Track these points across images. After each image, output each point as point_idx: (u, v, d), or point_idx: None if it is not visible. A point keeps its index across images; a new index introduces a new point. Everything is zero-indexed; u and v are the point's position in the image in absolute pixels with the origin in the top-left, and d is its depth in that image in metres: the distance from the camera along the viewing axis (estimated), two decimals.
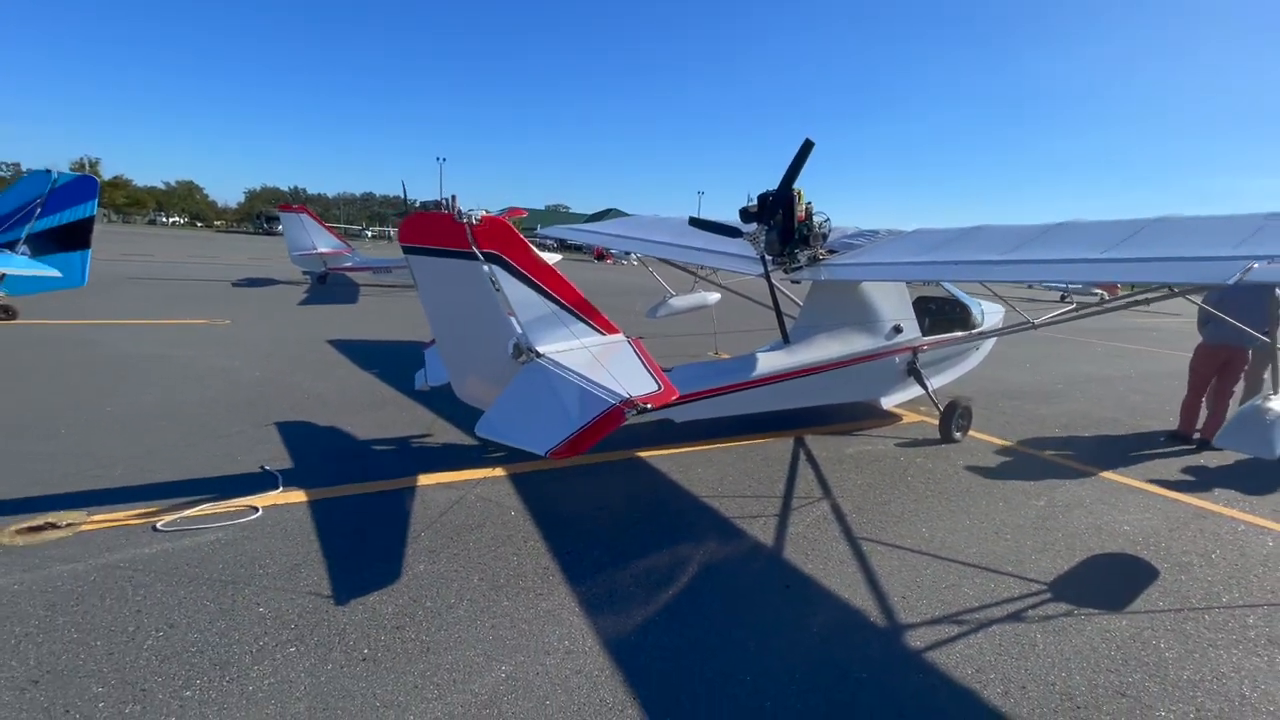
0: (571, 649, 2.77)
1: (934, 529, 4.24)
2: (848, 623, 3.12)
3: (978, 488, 5.08)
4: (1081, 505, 4.82)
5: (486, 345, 4.27)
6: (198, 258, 25.63)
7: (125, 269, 18.12)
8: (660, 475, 4.93)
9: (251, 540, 3.48)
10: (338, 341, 9.46)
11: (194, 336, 9.17)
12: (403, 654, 2.66)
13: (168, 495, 3.97)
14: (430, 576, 3.26)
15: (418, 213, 4.06)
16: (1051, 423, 7.39)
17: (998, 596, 3.43)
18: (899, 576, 3.58)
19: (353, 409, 6.09)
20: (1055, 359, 12.24)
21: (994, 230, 5.48)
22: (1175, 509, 4.87)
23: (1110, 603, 3.43)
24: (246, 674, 2.47)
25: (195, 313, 11.21)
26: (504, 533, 3.79)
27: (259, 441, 5.05)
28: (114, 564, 3.15)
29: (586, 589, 3.24)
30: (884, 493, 4.84)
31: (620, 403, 3.63)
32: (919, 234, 6.19)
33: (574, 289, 4.65)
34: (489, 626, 2.88)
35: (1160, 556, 4.04)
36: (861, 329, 6.17)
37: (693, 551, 3.71)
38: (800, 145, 5.16)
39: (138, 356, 7.65)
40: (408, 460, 4.88)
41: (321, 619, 2.84)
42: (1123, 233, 4.45)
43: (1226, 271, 3.34)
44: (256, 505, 3.86)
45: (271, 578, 3.14)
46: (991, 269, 4.80)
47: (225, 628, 2.74)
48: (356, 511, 3.96)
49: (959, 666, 2.82)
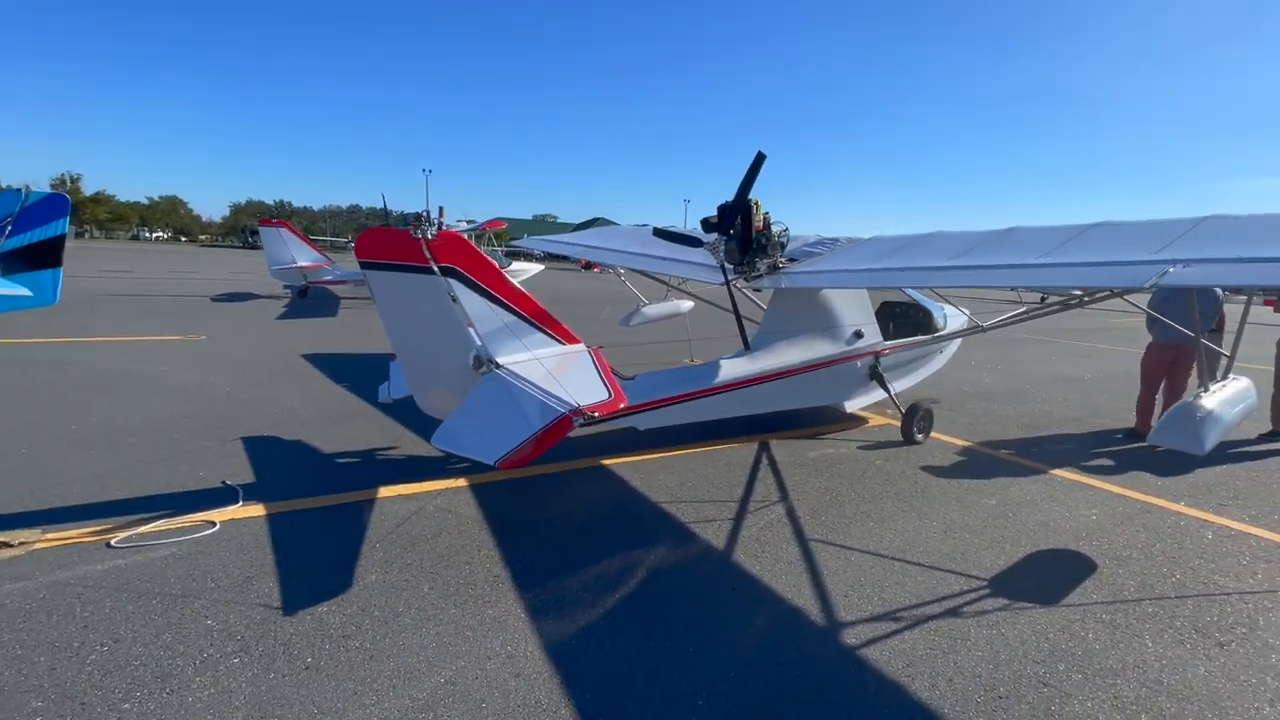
0: (513, 654, 2.83)
1: (884, 529, 4.35)
2: (787, 622, 3.21)
3: (933, 488, 5.20)
4: (1032, 503, 4.95)
5: (447, 358, 4.34)
6: (178, 273, 25.51)
7: (102, 286, 18.01)
8: (622, 483, 5.01)
9: (206, 554, 3.52)
10: (313, 355, 9.49)
11: (167, 353, 9.16)
12: (346, 662, 2.72)
13: (127, 512, 4.00)
14: (381, 586, 3.32)
15: (374, 228, 4.14)
16: (1014, 423, 7.54)
17: (938, 593, 3.53)
18: (843, 576, 3.68)
19: (321, 422, 6.13)
20: (1025, 360, 12.46)
21: (947, 236, 5.63)
22: (1121, 505, 5.01)
23: (1046, 597, 3.54)
24: (187, 685, 2.52)
25: (171, 329, 11.19)
26: (459, 542, 3.85)
27: (224, 456, 5.09)
28: (64, 581, 3.19)
29: (535, 596, 3.31)
30: (840, 494, 4.95)
31: (569, 412, 3.72)
32: (875, 241, 6.34)
33: (533, 301, 4.74)
34: (434, 634, 2.94)
35: (1101, 551, 4.16)
36: (823, 335, 6.30)
37: (644, 557, 3.79)
38: (754, 157, 5.31)
39: (109, 374, 7.65)
40: (371, 472, 4.93)
41: (268, 630, 2.89)
42: (1062, 237, 4.61)
43: (1144, 275, 3.49)
44: (214, 520, 3.90)
45: (222, 591, 3.18)
46: (937, 275, 4.95)
47: (170, 641, 2.78)
48: (315, 524, 4.01)
49: (890, 661, 2.91)
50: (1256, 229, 3.74)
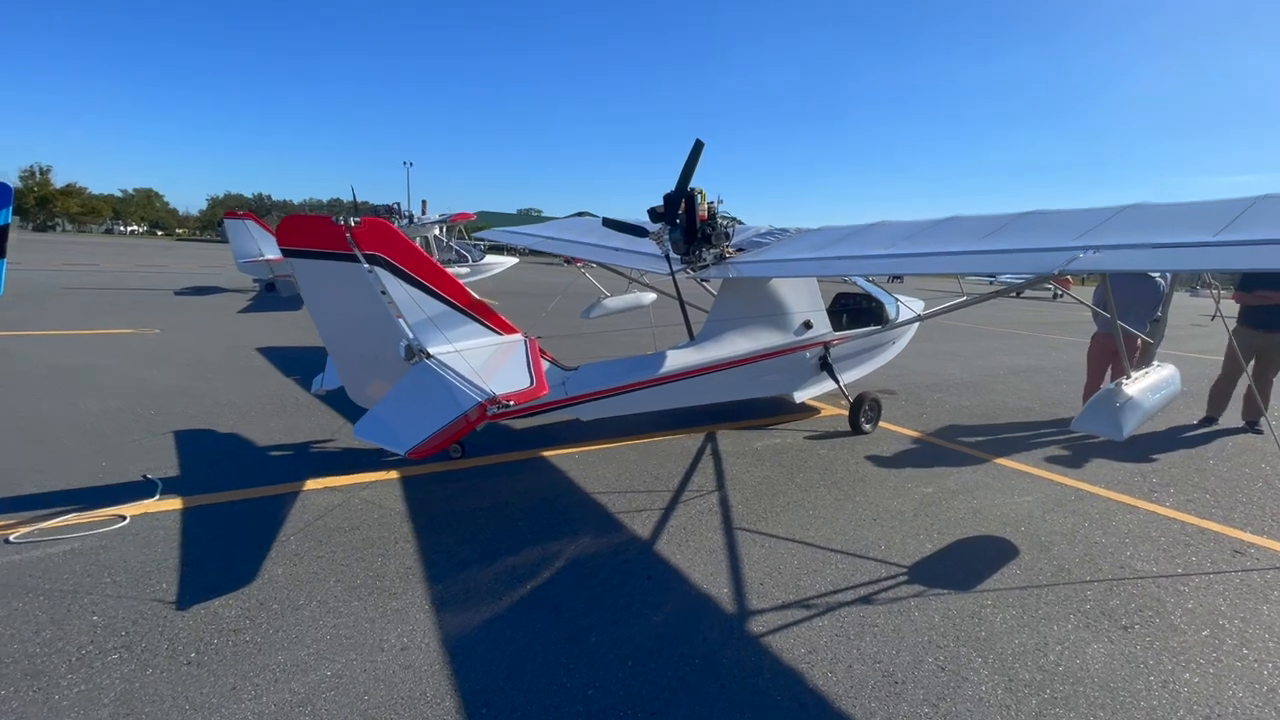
0: (407, 646, 2.78)
1: (814, 517, 4.35)
2: (697, 609, 3.19)
3: (871, 476, 5.21)
4: (967, 491, 4.97)
5: (377, 347, 4.26)
6: (147, 266, 25.01)
7: (64, 279, 17.61)
8: (559, 474, 4.97)
9: (108, 550, 3.43)
10: (267, 349, 9.33)
11: (117, 347, 8.96)
12: (231, 656, 2.65)
13: (39, 507, 3.89)
14: (286, 579, 3.25)
15: (294, 215, 4.04)
16: (967, 413, 7.59)
17: (854, 581, 3.53)
18: (764, 564, 3.66)
19: (262, 415, 6.02)
20: (990, 352, 12.57)
21: (890, 226, 5.63)
22: (1055, 491, 5.05)
23: (961, 583, 3.55)
24: (57, 683, 2.44)
25: (125, 323, 10.95)
26: (377, 534, 3.79)
27: (152, 450, 4.97)
28: None
29: (444, 588, 3.26)
30: (778, 484, 4.94)
31: (484, 400, 3.67)
32: (824, 231, 6.33)
33: (465, 290, 4.67)
34: (330, 627, 2.89)
35: (1025, 537, 4.19)
36: (770, 325, 6.27)
37: (565, 547, 3.75)
38: (692, 146, 5.26)
39: (52, 368, 7.45)
40: (301, 465, 4.84)
41: (156, 625, 2.82)
42: (994, 226, 4.62)
43: (1055, 261, 3.50)
44: (124, 514, 3.80)
45: (117, 586, 3.10)
46: (874, 262, 4.94)
47: (50, 638, 2.70)
48: (231, 517, 3.92)
49: (793, 648, 2.90)
50: (1173, 216, 3.76)
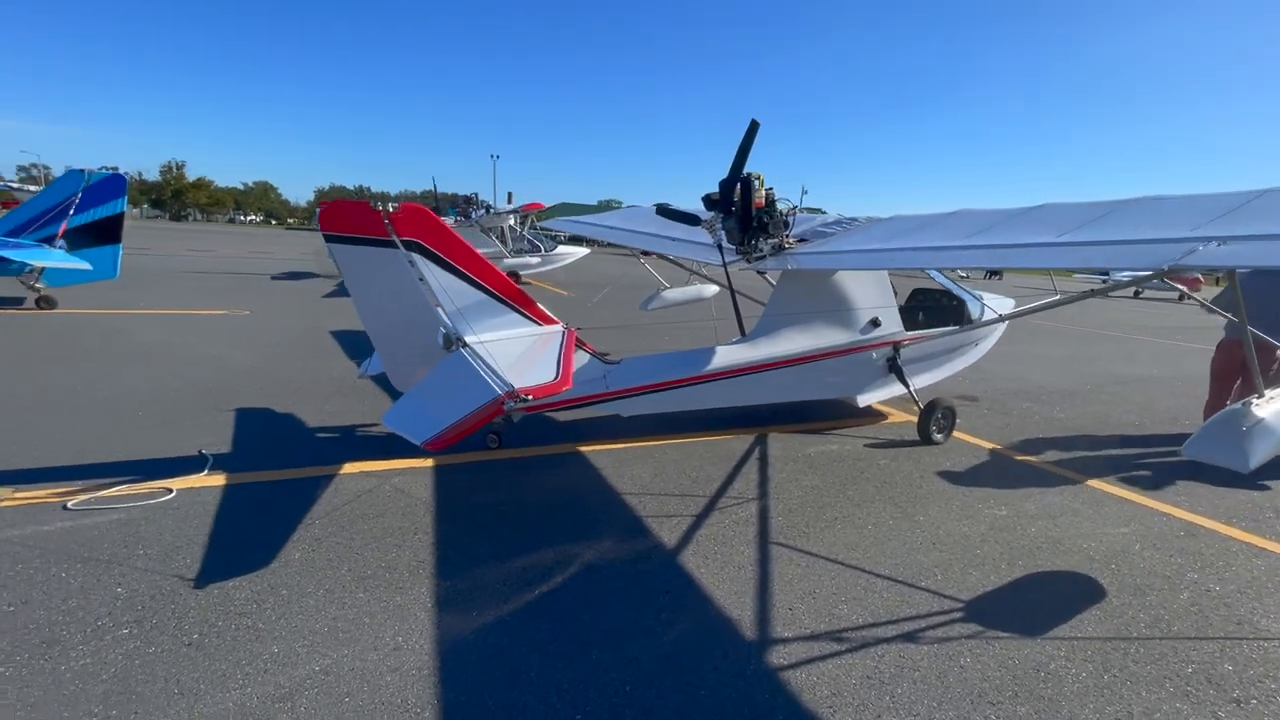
0: (400, 646, 2.68)
1: (863, 536, 3.93)
2: (713, 632, 2.90)
3: (936, 493, 4.69)
4: (1048, 516, 4.37)
5: (417, 334, 4.23)
6: (255, 253, 27.10)
7: (182, 263, 19.34)
8: (592, 471, 4.79)
9: (149, 522, 3.56)
10: (340, 332, 9.74)
11: (208, 327, 9.64)
12: (231, 641, 2.64)
13: (100, 475, 4.13)
14: (301, 564, 3.24)
15: (336, 200, 4.05)
16: (1060, 426, 6.79)
17: (898, 614, 3.12)
18: (798, 586, 3.32)
19: (319, 397, 6.22)
20: (1095, 358, 11.30)
21: (970, 215, 5.05)
22: (1160, 524, 4.34)
23: (1028, 627, 3.06)
24: (67, 654, 2.51)
25: (221, 304, 11.80)
26: (398, 524, 3.75)
27: (213, 426, 5.22)
28: (10, 539, 3.29)
29: (451, 585, 3.15)
30: (827, 495, 4.54)
31: (504, 393, 3.52)
32: (895, 220, 5.79)
33: (505, 279, 4.56)
34: (330, 619, 2.83)
35: (1115, 577, 3.59)
36: (832, 321, 5.81)
37: (583, 550, 3.56)
38: (747, 127, 4.89)
39: (145, 344, 8.09)
40: (344, 448, 4.92)
41: (170, 602, 2.86)
42: (1093, 214, 4.00)
43: (1167, 255, 2.92)
44: (171, 488, 3.96)
45: (147, 559, 3.19)
46: (947, 255, 4.41)
47: (74, 607, 2.79)
48: (266, 496, 4.00)
49: (815, 689, 2.57)
50: None
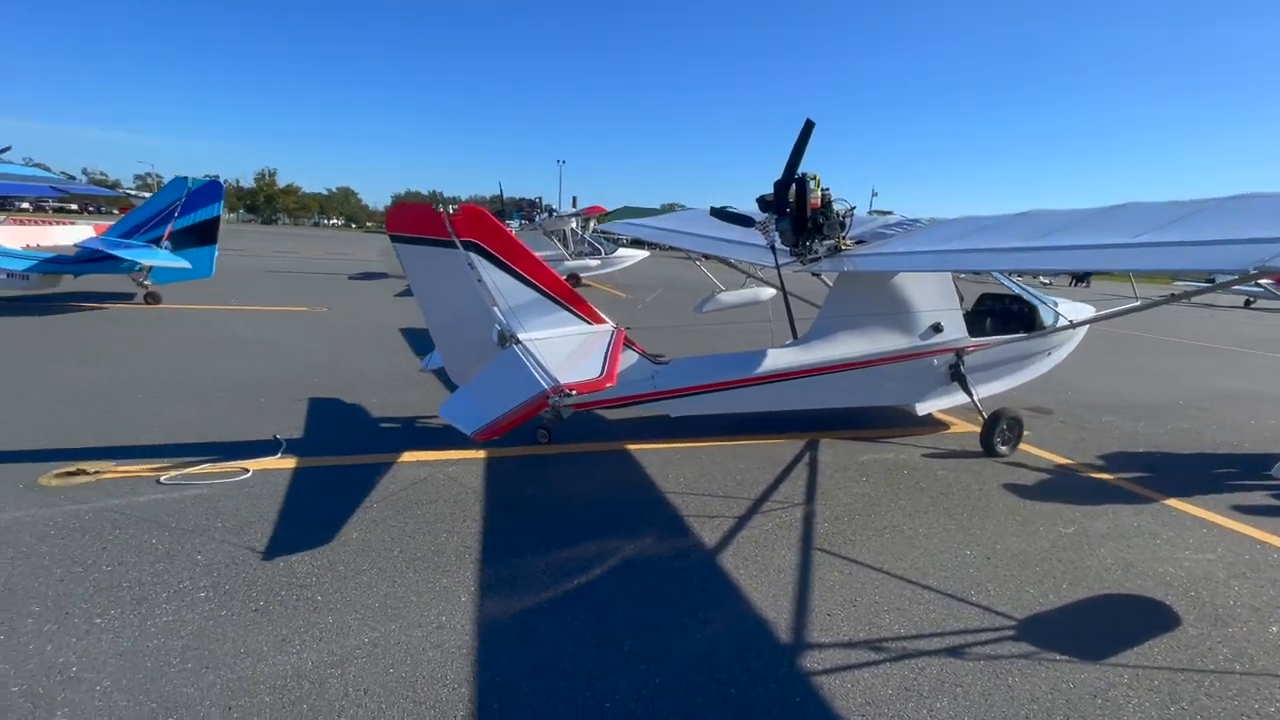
0: (443, 625, 2.81)
1: (912, 547, 3.80)
2: (747, 632, 2.89)
3: (996, 506, 4.47)
4: (1120, 537, 4.09)
5: (473, 330, 4.42)
6: (335, 254, 28.76)
7: (270, 263, 20.77)
8: (638, 469, 4.84)
9: (227, 498, 3.88)
10: (408, 329, 10.22)
11: (290, 322, 10.33)
12: (292, 610, 2.85)
13: (188, 454, 4.52)
14: (358, 544, 3.45)
15: (401, 203, 4.30)
16: (1142, 441, 6.32)
17: (944, 627, 3.00)
18: (838, 593, 3.25)
19: (385, 389, 6.56)
20: (1191, 371, 10.43)
21: (1042, 215, 4.81)
22: (1250, 551, 3.98)
23: (1087, 650, 2.88)
24: (153, 611, 2.77)
25: (303, 301, 12.62)
26: (449, 510, 3.91)
27: (289, 413, 5.60)
28: (110, 508, 3.65)
29: (494, 571, 3.27)
30: (877, 504, 4.41)
31: (550, 388, 3.62)
32: (960, 221, 5.57)
33: (557, 278, 4.69)
34: (381, 595, 3.00)
35: (1194, 605, 3.33)
36: (890, 326, 5.64)
37: (623, 545, 3.61)
38: (802, 127, 4.83)
39: (234, 338, 8.76)
40: (404, 438, 5.18)
41: (241, 571, 3.11)
42: (1178, 213, 3.72)
43: (1257, 256, 2.68)
44: (248, 468, 4.29)
45: (224, 531, 3.48)
46: (1010, 257, 4.21)
47: (161, 570, 3.08)
48: (331, 480, 4.27)
49: (848, 696, 2.51)
50: None
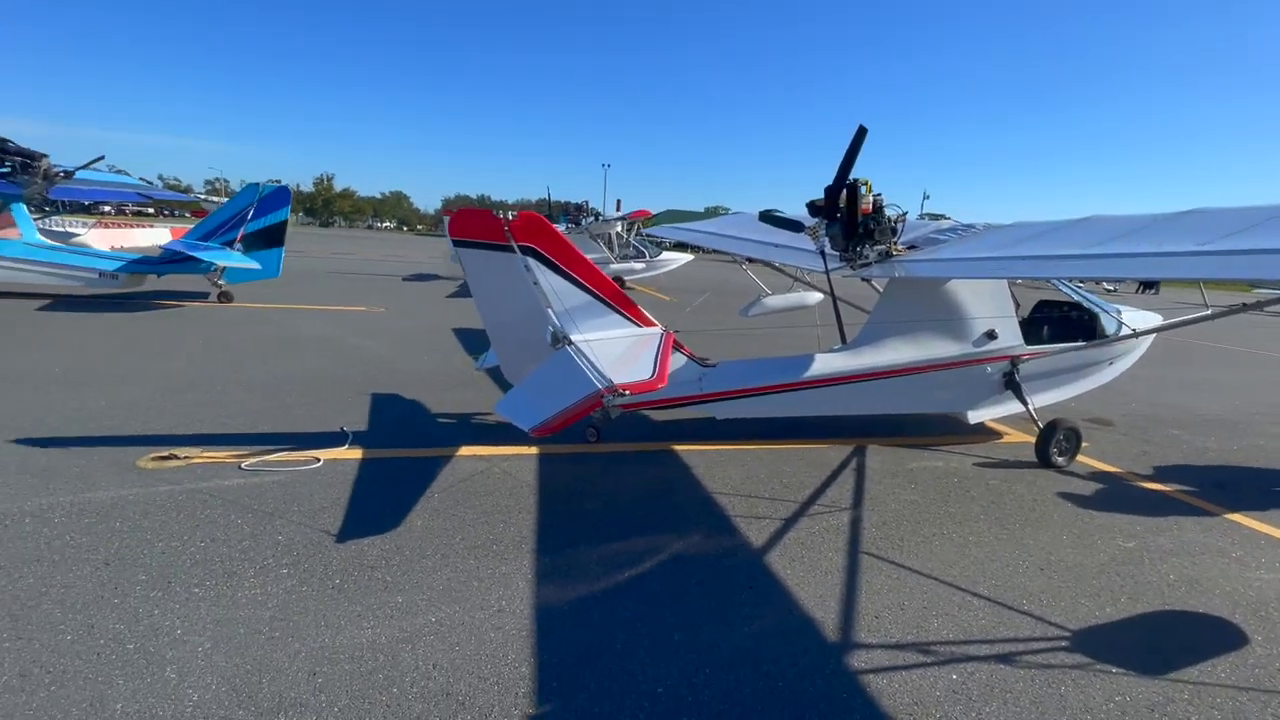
0: (504, 609, 2.97)
1: (962, 555, 3.78)
2: (794, 629, 2.95)
3: (1051, 518, 4.39)
4: (1185, 553, 3.96)
5: (528, 331, 4.61)
6: (390, 256, 29.82)
7: (328, 264, 21.72)
8: (684, 469, 4.94)
9: (302, 484, 4.16)
10: (461, 329, 10.59)
11: (350, 321, 10.83)
12: (365, 588, 3.06)
13: (264, 442, 4.85)
14: (422, 531, 3.66)
15: (463, 209, 4.51)
16: (1212, 456, 6.07)
17: (994, 634, 3.00)
18: (886, 597, 3.28)
19: (441, 387, 6.85)
20: (1264, 385, 9.88)
21: (1102, 221, 4.71)
22: None
23: (1147, 665, 2.83)
24: (242, 583, 3.03)
25: (361, 301, 13.19)
26: (505, 502, 4.10)
27: (352, 407, 5.92)
28: (200, 489, 3.97)
29: (549, 560, 3.42)
30: (926, 511, 4.39)
31: (605, 387, 3.76)
32: (1016, 227, 5.47)
33: (609, 282, 4.85)
34: (445, 579, 3.19)
35: (1263, 624, 3.22)
36: (941, 332, 5.59)
37: (671, 541, 3.72)
38: (854, 133, 4.85)
39: (301, 335, 9.26)
40: (460, 433, 5.42)
41: (317, 551, 3.35)
42: (1245, 221, 3.61)
43: None
44: (319, 457, 4.58)
45: (301, 515, 3.74)
46: (1065, 264, 4.15)
47: (247, 547, 3.35)
48: (395, 471, 4.52)
49: (896, 695, 2.56)
50: None
